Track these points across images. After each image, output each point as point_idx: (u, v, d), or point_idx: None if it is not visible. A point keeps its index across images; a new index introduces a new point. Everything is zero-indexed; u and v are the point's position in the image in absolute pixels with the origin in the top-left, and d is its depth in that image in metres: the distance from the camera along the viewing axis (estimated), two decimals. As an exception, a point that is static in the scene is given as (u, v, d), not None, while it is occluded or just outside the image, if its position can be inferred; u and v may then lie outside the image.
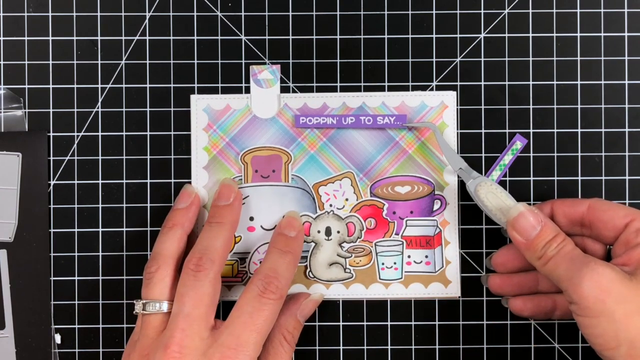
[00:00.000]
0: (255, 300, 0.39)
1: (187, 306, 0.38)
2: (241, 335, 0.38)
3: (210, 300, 0.39)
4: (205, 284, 0.39)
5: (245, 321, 0.38)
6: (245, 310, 0.39)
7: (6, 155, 0.45)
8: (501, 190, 0.42)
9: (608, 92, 0.46)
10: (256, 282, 0.40)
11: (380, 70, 0.46)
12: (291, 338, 0.42)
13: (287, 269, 0.41)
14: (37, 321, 0.45)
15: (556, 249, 0.39)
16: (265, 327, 0.39)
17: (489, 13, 0.46)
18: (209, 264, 0.40)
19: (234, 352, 0.37)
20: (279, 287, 0.40)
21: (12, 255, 0.45)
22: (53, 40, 0.46)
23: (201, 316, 0.39)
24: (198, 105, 0.46)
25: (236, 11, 0.46)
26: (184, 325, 0.38)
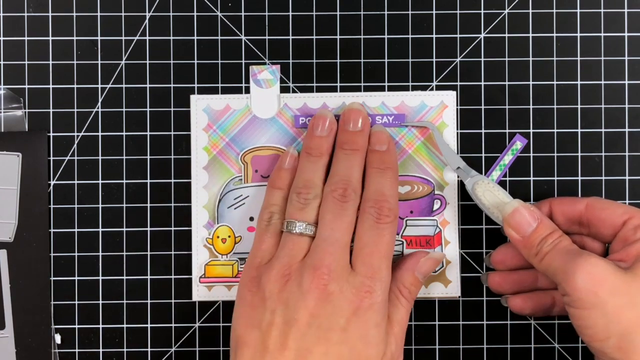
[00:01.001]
0: (373, 228, 0.40)
1: (336, 233, 0.39)
2: (372, 263, 0.39)
3: (352, 230, 0.40)
4: (350, 214, 0.40)
5: (371, 251, 0.39)
6: (367, 241, 0.39)
7: (6, 155, 0.45)
8: (499, 188, 0.42)
9: (608, 92, 0.46)
10: (368, 211, 0.40)
11: (380, 70, 0.46)
12: (408, 293, 0.42)
13: (391, 186, 0.41)
14: (37, 321, 0.45)
15: (552, 245, 0.39)
16: (390, 251, 0.40)
17: (489, 13, 0.46)
18: (353, 195, 0.40)
19: (371, 280, 0.38)
20: (391, 209, 0.40)
21: (12, 255, 0.45)
22: (53, 40, 0.46)
23: (347, 244, 0.39)
24: (198, 105, 0.46)
25: (236, 11, 0.46)
26: (332, 250, 0.39)
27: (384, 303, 0.39)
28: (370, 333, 0.38)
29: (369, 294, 0.38)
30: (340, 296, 0.38)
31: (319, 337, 0.37)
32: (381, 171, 0.42)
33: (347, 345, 0.38)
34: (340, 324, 0.38)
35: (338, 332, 0.38)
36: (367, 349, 0.38)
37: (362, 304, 0.38)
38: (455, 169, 0.43)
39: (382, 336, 0.39)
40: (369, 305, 0.38)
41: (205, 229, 0.46)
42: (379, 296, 0.38)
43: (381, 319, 0.39)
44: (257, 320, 0.39)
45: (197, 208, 0.46)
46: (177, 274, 0.46)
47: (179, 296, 0.46)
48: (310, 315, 0.37)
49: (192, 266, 0.46)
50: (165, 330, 0.46)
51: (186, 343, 0.46)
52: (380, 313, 0.39)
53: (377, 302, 0.38)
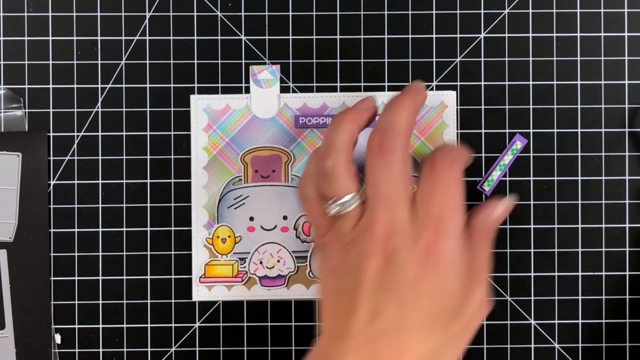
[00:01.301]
0: (430, 172, 0.37)
1: (382, 187, 0.36)
2: (434, 210, 0.36)
3: (404, 176, 0.36)
4: (396, 163, 0.36)
5: (431, 195, 0.36)
6: (425, 187, 0.36)
7: (6, 155, 0.45)
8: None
9: (608, 92, 0.46)
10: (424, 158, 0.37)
11: (380, 70, 0.46)
12: (489, 238, 0.38)
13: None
14: (37, 321, 0.45)
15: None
16: (456, 193, 0.36)
17: (489, 13, 0.46)
18: (393, 142, 0.36)
19: (435, 229, 0.35)
20: (446, 152, 0.37)
21: (12, 255, 0.45)
22: (53, 40, 0.46)
23: (399, 196, 0.36)
24: (198, 105, 0.46)
25: (236, 11, 0.46)
26: (383, 207, 0.35)
27: (457, 251, 0.36)
28: (446, 285, 0.35)
29: (437, 245, 0.35)
30: (405, 251, 0.35)
31: (390, 295, 0.35)
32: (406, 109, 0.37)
33: (421, 302, 0.35)
34: (410, 280, 0.35)
35: (409, 288, 0.35)
36: (444, 301, 0.35)
37: (430, 255, 0.35)
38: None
39: (459, 286, 0.36)
40: (440, 255, 0.35)
41: (205, 229, 0.46)
42: (449, 245, 0.35)
43: (455, 269, 0.36)
44: (333, 287, 0.37)
45: (197, 208, 0.46)
46: (177, 274, 0.46)
47: (179, 296, 0.46)
48: (377, 275, 0.35)
49: (192, 266, 0.46)
50: (165, 330, 0.46)
51: (186, 343, 0.46)
52: (454, 263, 0.35)
53: (447, 251, 0.35)
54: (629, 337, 0.46)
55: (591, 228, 0.46)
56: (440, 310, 0.36)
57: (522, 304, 0.46)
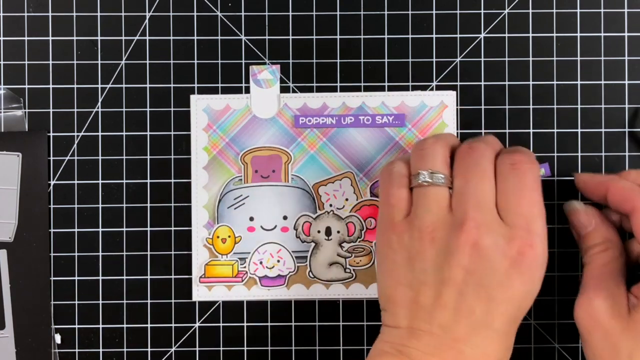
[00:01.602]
0: (511, 175, 0.37)
1: (472, 183, 0.36)
2: (523, 212, 0.36)
3: (492, 181, 0.36)
4: (484, 164, 0.37)
5: (516, 199, 0.36)
6: (508, 189, 0.36)
7: (6, 155, 0.45)
8: None
9: (608, 92, 0.46)
10: (502, 161, 0.37)
11: (380, 70, 0.46)
12: None
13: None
14: (37, 321, 0.45)
15: (590, 257, 0.39)
16: (538, 196, 0.36)
17: (489, 13, 0.46)
18: (483, 146, 0.38)
19: (527, 232, 0.35)
20: (525, 152, 0.38)
21: (12, 255, 0.45)
22: (53, 40, 0.46)
23: (488, 194, 0.36)
24: (198, 105, 0.46)
25: (236, 11, 0.46)
26: (474, 201, 0.36)
27: (545, 258, 0.36)
28: (530, 291, 0.35)
29: (530, 248, 0.35)
30: (496, 250, 0.35)
31: (479, 295, 0.35)
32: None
33: (508, 304, 0.35)
34: (499, 280, 0.34)
35: (498, 288, 0.34)
36: (524, 307, 0.36)
37: (523, 258, 0.35)
38: None
39: (535, 294, 0.36)
40: (532, 259, 0.35)
41: (205, 229, 0.46)
42: (540, 250, 0.35)
43: (540, 277, 0.36)
44: (407, 279, 0.36)
45: (197, 208, 0.46)
46: (177, 274, 0.46)
47: (179, 296, 0.46)
48: (466, 272, 0.35)
49: (192, 266, 0.46)
50: (165, 330, 0.46)
51: (186, 343, 0.46)
52: (541, 270, 0.35)
53: (539, 257, 0.35)
54: (629, 337, 0.46)
55: (591, 228, 0.45)
56: (519, 315, 0.36)
57: (522, 304, 0.46)
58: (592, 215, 0.40)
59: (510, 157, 0.37)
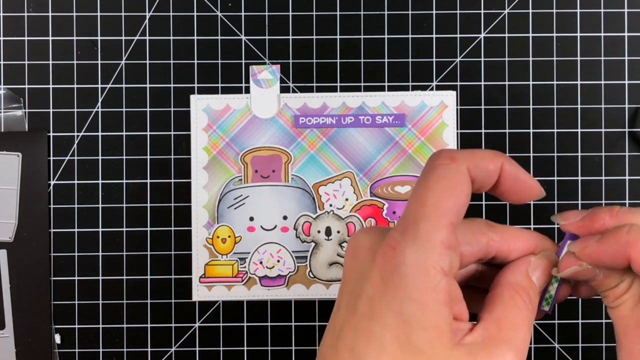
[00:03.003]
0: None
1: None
2: (406, 212, 0.27)
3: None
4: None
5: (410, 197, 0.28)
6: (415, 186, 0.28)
7: (6, 155, 0.45)
8: None
9: (608, 92, 0.46)
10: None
11: (380, 70, 0.46)
12: (526, 295, 0.29)
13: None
14: (37, 321, 0.45)
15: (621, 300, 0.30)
16: (441, 194, 0.27)
17: (489, 13, 0.46)
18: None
19: (401, 234, 0.27)
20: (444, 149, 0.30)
21: (12, 255, 0.45)
22: (53, 40, 0.46)
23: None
24: (198, 105, 0.46)
25: (236, 11, 0.46)
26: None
27: (422, 274, 0.25)
28: (404, 307, 0.25)
29: (391, 249, 0.26)
30: (367, 257, 0.27)
31: (348, 309, 0.27)
32: None
33: (376, 321, 0.26)
34: (367, 293, 0.26)
35: (365, 302, 0.26)
36: (410, 327, 0.25)
37: (387, 263, 0.26)
38: None
39: (434, 313, 0.25)
40: (400, 262, 0.26)
41: (205, 229, 0.46)
42: (409, 257, 0.25)
43: (420, 289, 0.26)
44: None
45: (197, 208, 0.46)
46: (177, 274, 0.46)
47: (179, 296, 0.46)
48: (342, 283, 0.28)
49: (192, 266, 0.46)
50: (165, 330, 0.46)
51: (186, 343, 0.46)
52: (417, 291, 0.25)
53: (409, 258, 0.25)
54: (629, 337, 0.46)
55: (591, 228, 0.45)
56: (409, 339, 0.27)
57: (522, 304, 0.46)
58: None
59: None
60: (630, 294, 0.29)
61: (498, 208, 0.46)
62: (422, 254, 0.25)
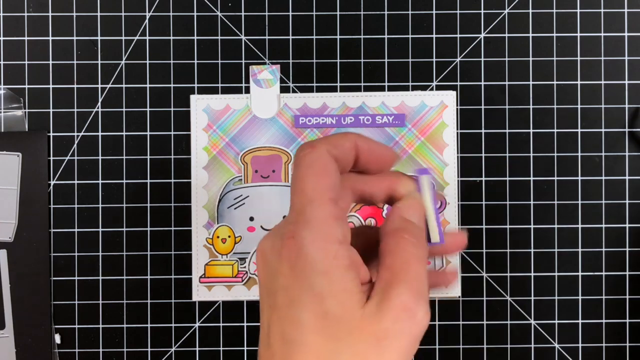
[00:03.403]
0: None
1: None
2: (294, 201, 0.30)
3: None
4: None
5: (293, 189, 0.30)
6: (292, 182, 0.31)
7: (6, 155, 0.45)
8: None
9: (608, 92, 0.46)
10: None
11: (380, 70, 0.46)
12: (408, 234, 0.30)
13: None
14: (37, 321, 0.45)
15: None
16: (317, 181, 0.30)
17: (489, 13, 0.46)
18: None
19: (294, 225, 0.29)
20: (309, 144, 0.30)
21: (12, 255, 0.45)
22: (53, 40, 0.46)
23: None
24: (198, 105, 0.46)
25: (236, 11, 0.46)
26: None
27: (313, 246, 0.28)
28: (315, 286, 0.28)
29: (291, 239, 0.28)
30: (272, 252, 0.29)
31: (270, 306, 0.30)
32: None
33: (295, 305, 0.28)
34: (282, 285, 0.29)
35: (282, 293, 0.29)
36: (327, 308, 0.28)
37: (288, 252, 0.28)
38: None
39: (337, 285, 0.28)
40: (293, 249, 0.28)
41: (205, 229, 0.46)
42: (303, 238, 0.28)
43: (324, 270, 0.28)
44: None
45: (197, 208, 0.46)
46: (177, 274, 0.46)
47: (179, 296, 0.46)
48: (260, 286, 0.30)
49: (192, 266, 0.46)
50: (165, 330, 0.46)
51: (186, 343, 0.46)
52: (320, 262, 0.28)
53: (302, 246, 0.28)
54: (629, 337, 0.46)
55: (591, 228, 0.46)
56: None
57: (522, 304, 0.46)
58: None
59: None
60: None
61: (498, 208, 0.46)
62: (316, 232, 0.28)
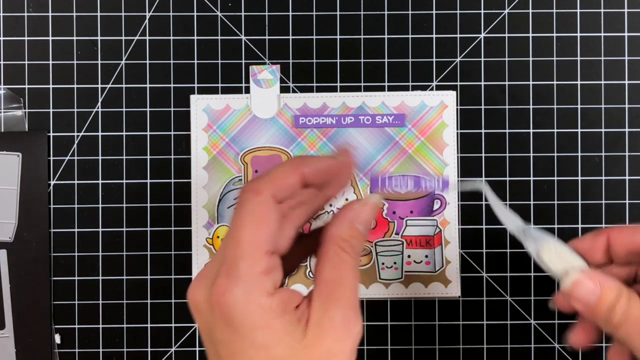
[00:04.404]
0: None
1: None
2: (223, 254, 0.30)
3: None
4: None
5: (224, 242, 0.31)
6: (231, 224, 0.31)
7: (6, 155, 0.45)
8: (564, 248, 0.36)
9: (608, 92, 0.46)
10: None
11: (380, 70, 0.46)
12: (350, 247, 0.32)
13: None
14: (37, 321, 0.45)
15: (623, 315, 0.34)
16: (251, 232, 0.30)
17: (489, 13, 0.46)
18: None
19: (226, 278, 0.29)
20: (251, 188, 0.30)
21: (12, 255, 0.45)
22: (53, 40, 0.46)
23: (215, 256, 0.31)
24: (198, 105, 0.46)
25: (236, 11, 0.46)
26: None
27: (255, 304, 0.29)
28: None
29: (221, 295, 0.29)
30: (204, 302, 0.30)
31: (214, 355, 0.30)
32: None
33: (238, 357, 0.29)
34: (221, 339, 0.29)
35: (223, 347, 0.29)
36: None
37: (223, 310, 0.29)
38: (514, 230, 0.38)
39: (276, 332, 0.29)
40: (232, 305, 0.28)
41: (205, 229, 0.46)
42: (240, 297, 0.28)
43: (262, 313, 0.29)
44: None
45: (197, 208, 0.46)
46: (177, 274, 0.46)
47: (179, 296, 0.46)
48: (200, 331, 0.31)
49: (192, 266, 0.46)
50: (165, 330, 0.46)
51: (186, 343, 0.46)
52: (259, 318, 0.29)
53: (233, 302, 0.28)
54: (629, 337, 0.46)
55: (591, 228, 0.46)
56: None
57: (522, 304, 0.46)
58: (596, 274, 0.35)
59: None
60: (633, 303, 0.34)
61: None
62: (249, 290, 0.28)
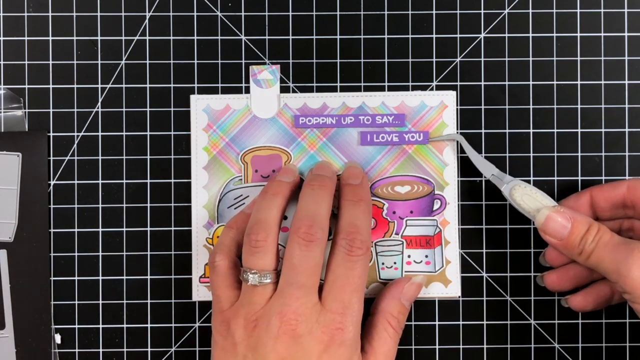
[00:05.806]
0: (345, 260, 0.39)
1: (302, 276, 0.38)
2: (344, 298, 0.38)
3: (320, 271, 0.39)
4: (317, 254, 0.39)
5: (342, 285, 0.38)
6: (339, 273, 0.39)
7: (6, 155, 0.45)
8: (536, 190, 0.42)
9: (608, 92, 0.46)
10: (340, 243, 0.39)
11: (380, 70, 0.46)
12: (396, 323, 0.41)
13: (364, 217, 0.40)
14: (37, 321, 0.45)
15: (594, 242, 0.38)
16: (362, 284, 0.39)
17: (489, 13, 0.46)
18: (319, 233, 0.39)
19: (341, 316, 0.38)
20: (364, 241, 0.39)
21: (12, 255, 0.45)
22: (53, 40, 0.46)
23: (314, 286, 0.38)
24: (198, 105, 0.46)
25: (236, 11, 0.46)
26: (299, 294, 0.38)
27: (356, 338, 0.39)
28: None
29: (340, 331, 0.37)
30: (310, 337, 0.37)
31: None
32: (354, 203, 0.41)
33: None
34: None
35: None
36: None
37: (332, 341, 0.37)
38: (490, 177, 0.43)
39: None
40: (340, 342, 0.38)
41: (205, 229, 0.46)
42: (350, 332, 0.38)
43: (352, 353, 0.38)
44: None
45: (197, 208, 0.46)
46: (177, 274, 0.46)
47: (179, 296, 0.46)
48: (282, 357, 0.37)
49: (192, 266, 0.46)
50: (165, 330, 0.46)
51: (186, 343, 0.46)
52: (352, 348, 0.38)
53: (348, 338, 0.38)
54: (629, 337, 0.46)
55: (591, 228, 0.45)
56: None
57: (522, 304, 0.46)
58: (565, 211, 0.40)
59: (348, 242, 0.39)
60: (602, 232, 0.39)
61: (498, 208, 0.46)
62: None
